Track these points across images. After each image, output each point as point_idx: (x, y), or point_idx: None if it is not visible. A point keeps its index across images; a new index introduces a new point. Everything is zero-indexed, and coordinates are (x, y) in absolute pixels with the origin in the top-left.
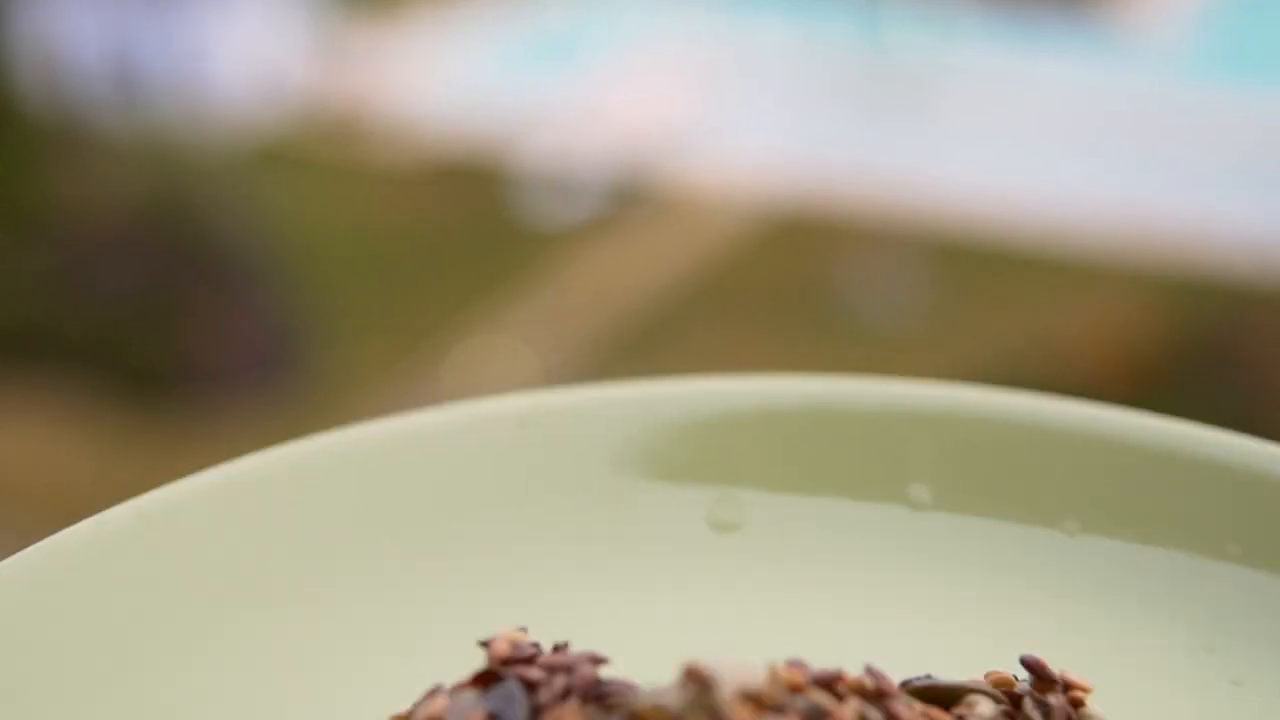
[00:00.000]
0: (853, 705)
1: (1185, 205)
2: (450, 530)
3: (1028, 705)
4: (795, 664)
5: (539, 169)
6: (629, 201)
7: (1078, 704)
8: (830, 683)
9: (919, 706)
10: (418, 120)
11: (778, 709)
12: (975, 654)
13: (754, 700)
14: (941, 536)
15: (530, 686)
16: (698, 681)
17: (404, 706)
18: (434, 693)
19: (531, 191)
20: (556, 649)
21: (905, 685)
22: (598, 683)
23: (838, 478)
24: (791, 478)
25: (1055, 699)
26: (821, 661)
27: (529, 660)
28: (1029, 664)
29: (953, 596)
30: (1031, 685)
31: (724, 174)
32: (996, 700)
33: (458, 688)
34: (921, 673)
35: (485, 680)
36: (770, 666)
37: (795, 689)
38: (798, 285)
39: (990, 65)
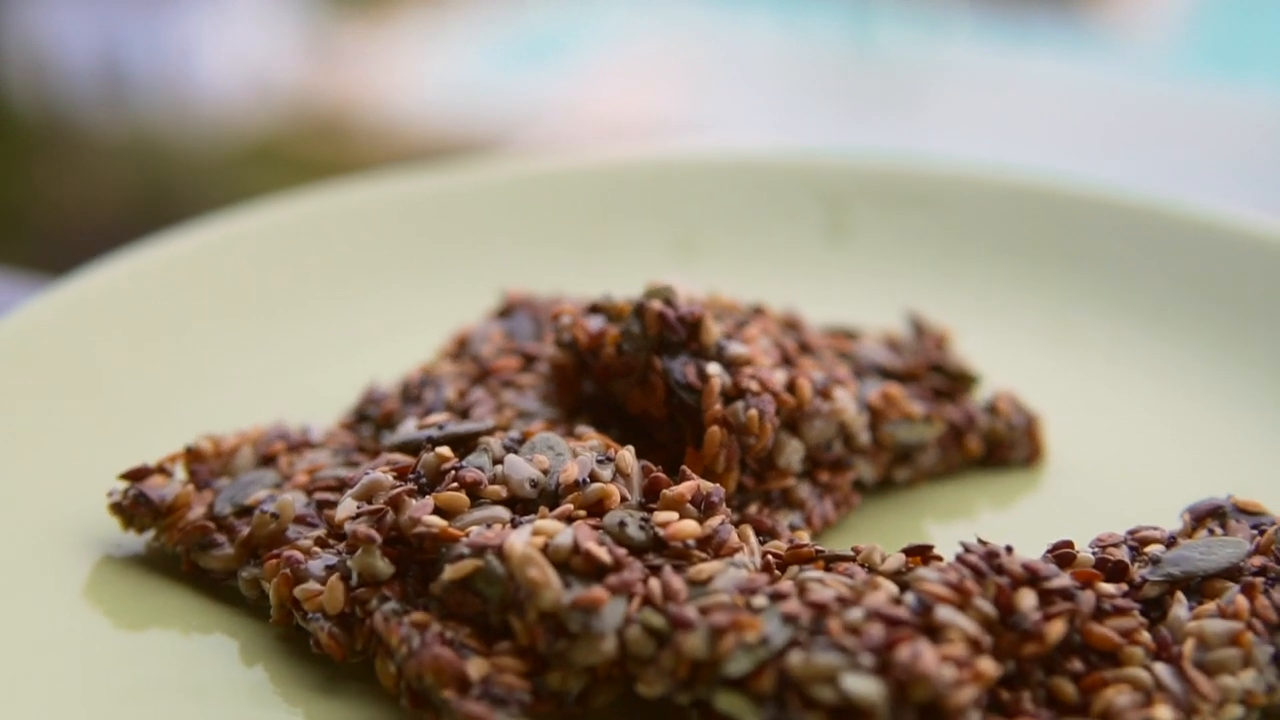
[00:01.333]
0: (774, 326)
1: None
2: (472, 245)
3: (905, 342)
4: (730, 298)
5: None
6: None
7: (942, 344)
8: (757, 309)
9: (826, 336)
10: (407, 118)
11: (716, 315)
12: (876, 321)
13: (698, 303)
14: (850, 250)
15: (535, 315)
16: (660, 288)
17: (441, 340)
18: (462, 326)
19: None
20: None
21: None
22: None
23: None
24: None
25: (927, 340)
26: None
27: (533, 302)
28: (909, 314)
29: (855, 281)
30: (912, 333)
31: None
32: (885, 339)
33: (481, 319)
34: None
35: (501, 314)
36: (711, 292)
37: (730, 309)
38: None
39: (978, 63)
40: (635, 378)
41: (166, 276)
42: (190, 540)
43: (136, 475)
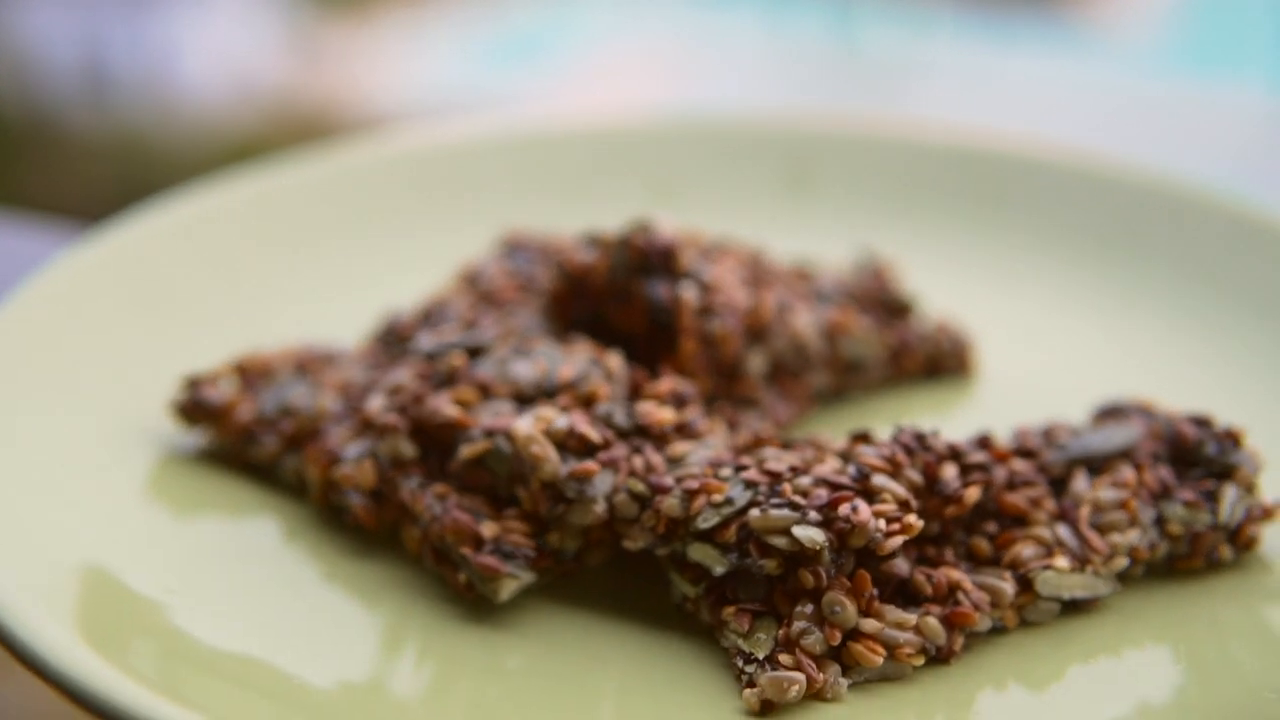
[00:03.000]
0: (741, 258)
1: None
2: (477, 192)
3: (856, 273)
4: (703, 234)
5: None
6: None
7: (887, 275)
8: (726, 244)
9: (786, 269)
10: (389, 118)
11: (692, 242)
12: (834, 261)
13: (675, 235)
14: (811, 199)
15: (533, 251)
16: (640, 221)
17: (449, 275)
18: (469, 261)
19: None
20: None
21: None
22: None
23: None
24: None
25: (875, 271)
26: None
27: (531, 240)
28: (860, 249)
29: (815, 226)
30: (862, 265)
31: None
32: (838, 272)
33: (486, 256)
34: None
35: (504, 251)
36: (686, 228)
37: (697, 244)
38: None
39: (963, 61)
40: (621, 300)
41: (214, 219)
42: (239, 436)
43: (194, 382)
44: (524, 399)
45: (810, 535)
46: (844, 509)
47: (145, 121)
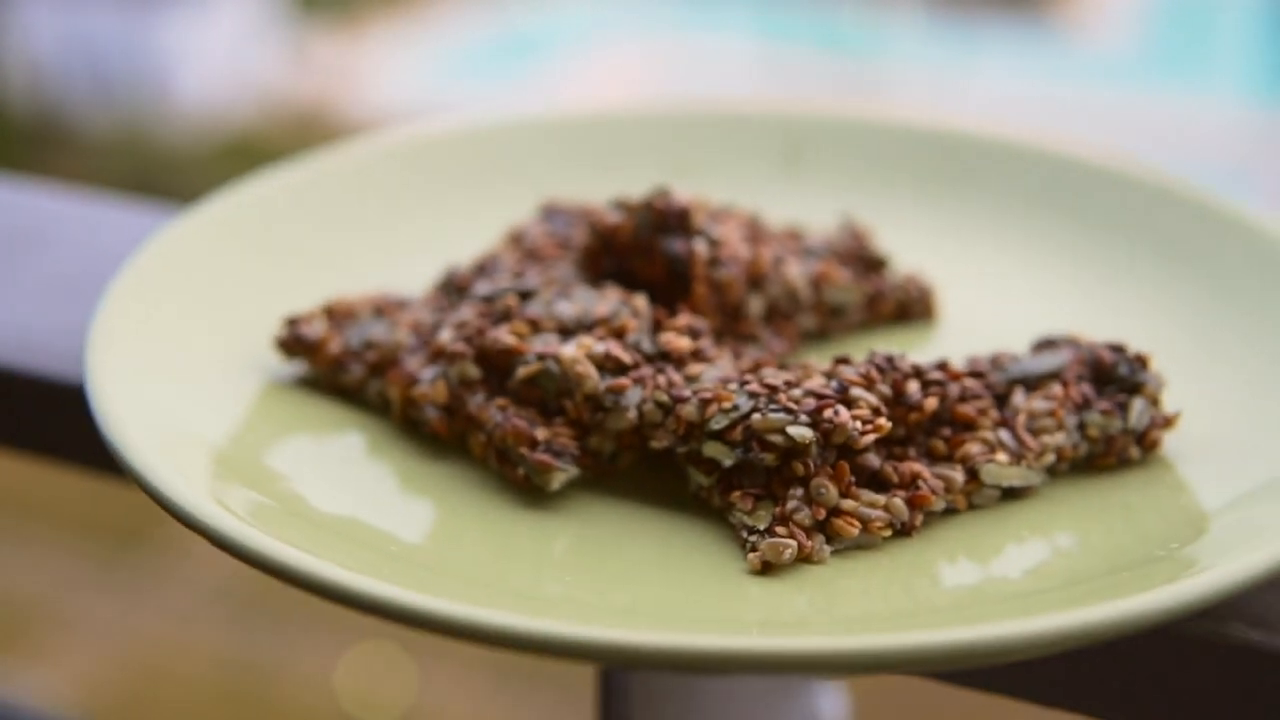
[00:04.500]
0: (741, 220)
1: None
2: (521, 167)
3: (839, 235)
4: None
5: None
6: None
7: (865, 236)
8: (727, 210)
9: (780, 231)
10: (384, 121)
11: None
12: (820, 225)
13: (688, 199)
14: (803, 176)
15: (568, 215)
16: (660, 188)
17: (497, 238)
18: (514, 224)
19: None
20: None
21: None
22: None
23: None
24: (731, 150)
25: (854, 233)
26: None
27: (566, 206)
28: (842, 215)
29: (806, 198)
30: (844, 228)
31: None
32: (824, 234)
33: (529, 220)
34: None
35: (543, 216)
36: (696, 194)
37: (707, 209)
38: None
39: (941, 66)
40: (644, 254)
41: (302, 190)
42: (331, 366)
43: (292, 321)
44: (566, 331)
45: (801, 433)
46: (828, 413)
47: (148, 120)
